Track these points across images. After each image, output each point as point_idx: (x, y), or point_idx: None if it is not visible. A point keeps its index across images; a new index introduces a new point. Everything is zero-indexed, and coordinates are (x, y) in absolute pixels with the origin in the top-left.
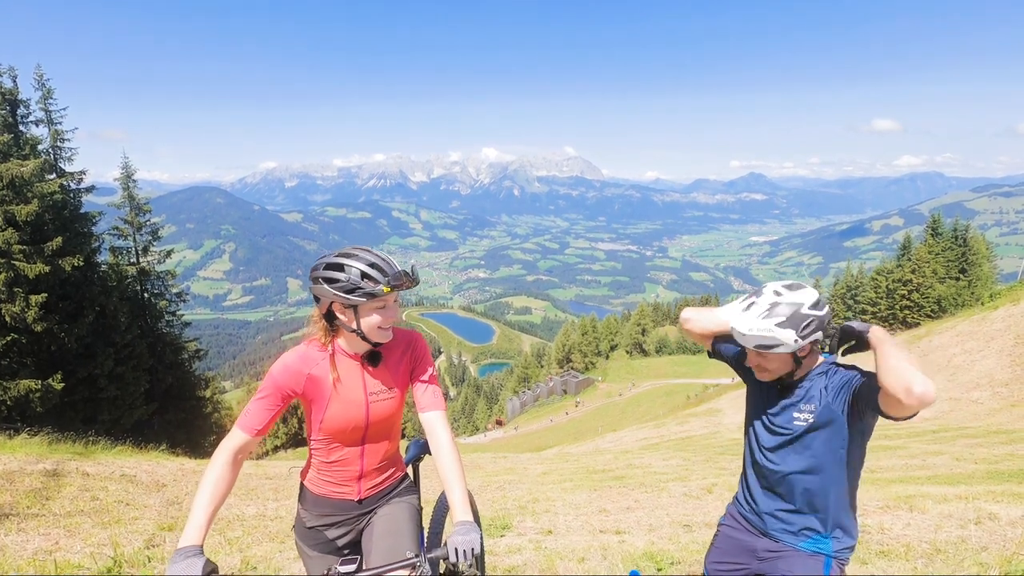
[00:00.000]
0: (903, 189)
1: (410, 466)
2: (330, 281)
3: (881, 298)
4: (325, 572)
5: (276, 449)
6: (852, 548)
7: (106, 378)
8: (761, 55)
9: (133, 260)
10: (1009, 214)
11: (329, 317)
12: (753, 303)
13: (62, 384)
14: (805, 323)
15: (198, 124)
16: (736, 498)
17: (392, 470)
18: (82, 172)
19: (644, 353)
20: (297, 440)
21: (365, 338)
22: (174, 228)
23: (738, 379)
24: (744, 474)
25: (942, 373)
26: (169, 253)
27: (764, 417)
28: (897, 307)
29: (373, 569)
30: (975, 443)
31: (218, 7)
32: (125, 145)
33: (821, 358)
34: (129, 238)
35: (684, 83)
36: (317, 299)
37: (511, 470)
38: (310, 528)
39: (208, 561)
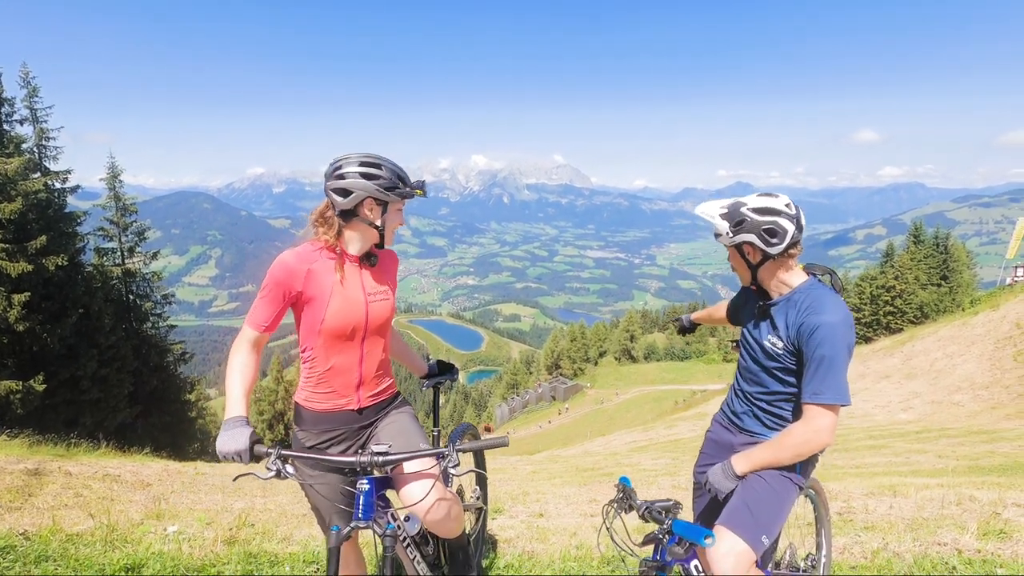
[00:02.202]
0: (886, 199)
1: (430, 389)
2: (370, 177)
3: (865, 304)
4: (357, 454)
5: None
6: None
7: (89, 380)
8: (747, 67)
9: (118, 261)
10: (988, 224)
11: (345, 215)
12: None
13: (44, 385)
14: (737, 219)
15: (185, 128)
16: (722, 405)
17: (388, 382)
18: (67, 171)
19: (633, 359)
20: (283, 445)
21: (382, 235)
22: (159, 234)
23: (726, 384)
24: (734, 378)
25: (925, 377)
26: (155, 255)
27: (750, 334)
28: (881, 313)
29: (405, 452)
30: (956, 442)
31: (206, 12)
32: (110, 149)
33: (798, 278)
34: (114, 239)
35: (672, 93)
36: (345, 194)
37: (500, 470)
38: (310, 448)
39: (253, 431)
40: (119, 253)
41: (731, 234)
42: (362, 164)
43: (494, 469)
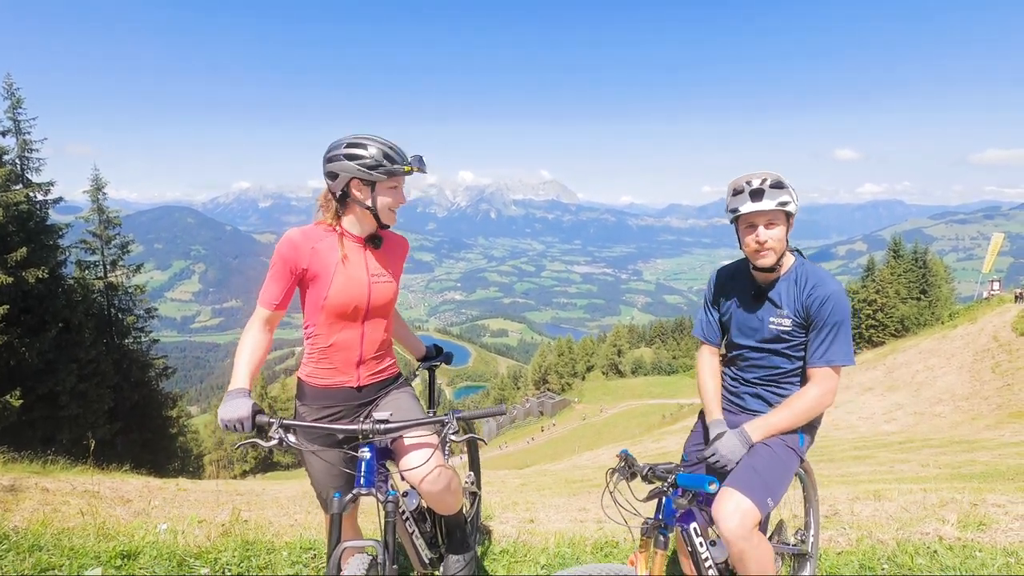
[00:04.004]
0: (866, 216)
1: (425, 372)
2: (352, 158)
3: None
4: (360, 421)
5: (245, 474)
6: (819, 422)
7: (68, 395)
8: (729, 85)
9: (100, 274)
10: (965, 240)
11: (341, 197)
12: (753, 186)
13: (20, 401)
14: (791, 188)
15: (169, 142)
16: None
17: (389, 362)
18: (50, 183)
19: (620, 374)
20: (267, 464)
21: (377, 216)
22: (142, 248)
23: None
24: (731, 363)
25: (907, 389)
26: (138, 268)
27: (746, 322)
28: (863, 326)
29: (405, 420)
30: (938, 452)
31: (191, 24)
32: (92, 162)
33: (789, 256)
34: (97, 252)
35: (657, 111)
36: (334, 177)
37: (489, 483)
38: (313, 421)
39: (255, 403)
40: (101, 266)
41: (797, 201)
42: (348, 145)
43: (483, 483)
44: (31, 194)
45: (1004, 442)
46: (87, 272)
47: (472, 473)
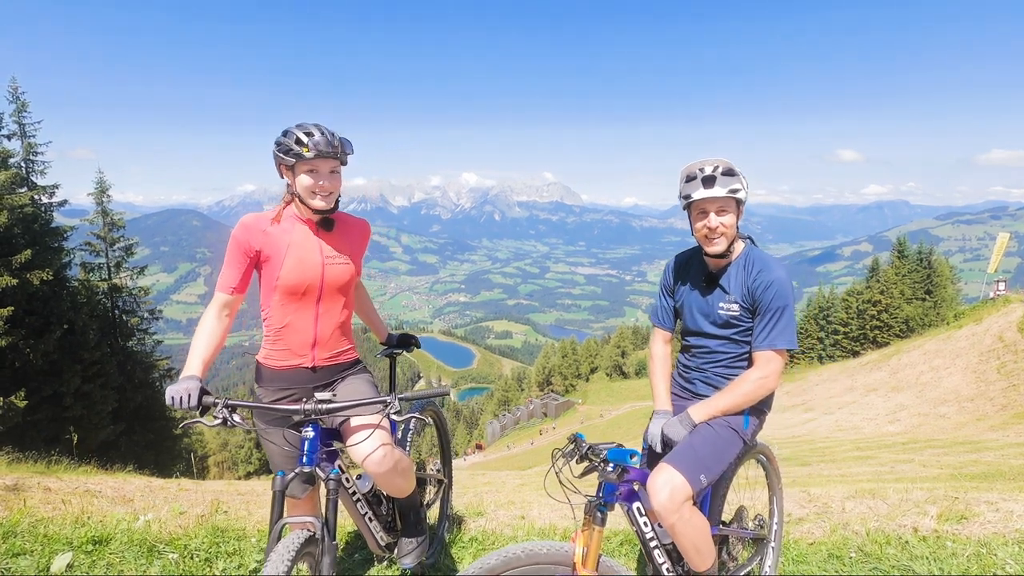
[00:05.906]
0: (871, 216)
1: (387, 359)
2: (277, 144)
3: (852, 318)
4: (303, 402)
5: (249, 476)
6: (769, 406)
7: (72, 396)
8: (731, 88)
9: (105, 276)
10: (972, 241)
11: (288, 184)
12: (705, 173)
13: (25, 402)
14: (743, 175)
15: (174, 145)
16: (673, 375)
17: (346, 347)
18: (54, 186)
19: (624, 375)
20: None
21: (302, 199)
22: (148, 251)
23: None
24: (680, 357)
25: (911, 390)
26: (142, 270)
27: (697, 308)
28: (868, 327)
29: (347, 401)
30: (941, 452)
31: (194, 29)
32: (96, 166)
33: (742, 244)
34: (101, 254)
35: (660, 113)
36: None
37: (488, 483)
38: (268, 403)
39: (204, 388)
40: (106, 268)
41: (748, 189)
42: (281, 135)
43: (481, 484)
44: (36, 197)
45: (1009, 443)
46: (91, 274)
47: (439, 461)
